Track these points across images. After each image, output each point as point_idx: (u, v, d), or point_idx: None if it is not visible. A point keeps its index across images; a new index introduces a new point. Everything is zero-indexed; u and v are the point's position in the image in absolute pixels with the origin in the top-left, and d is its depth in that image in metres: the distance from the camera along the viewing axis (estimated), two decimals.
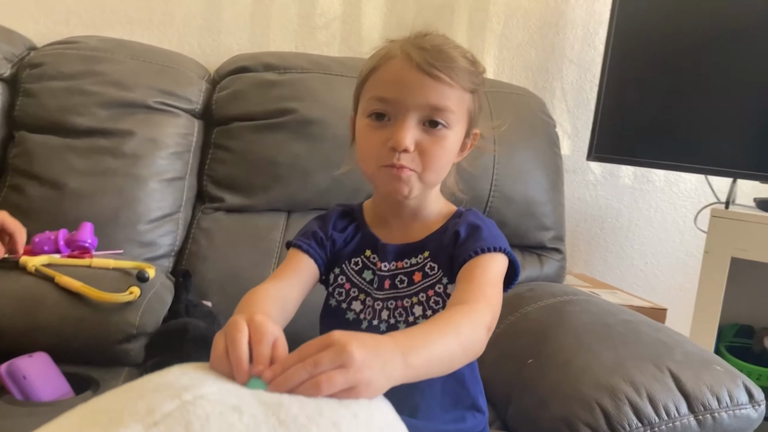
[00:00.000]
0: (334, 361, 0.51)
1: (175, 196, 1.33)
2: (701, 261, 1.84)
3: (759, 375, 1.47)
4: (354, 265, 0.83)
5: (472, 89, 0.77)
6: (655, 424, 0.89)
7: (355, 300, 0.82)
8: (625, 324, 1.07)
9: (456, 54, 0.76)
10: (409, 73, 0.74)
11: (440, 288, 0.79)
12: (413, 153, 0.75)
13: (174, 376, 0.46)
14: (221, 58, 1.58)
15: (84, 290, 0.92)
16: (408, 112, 0.74)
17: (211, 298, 1.26)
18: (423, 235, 0.82)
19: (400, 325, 0.79)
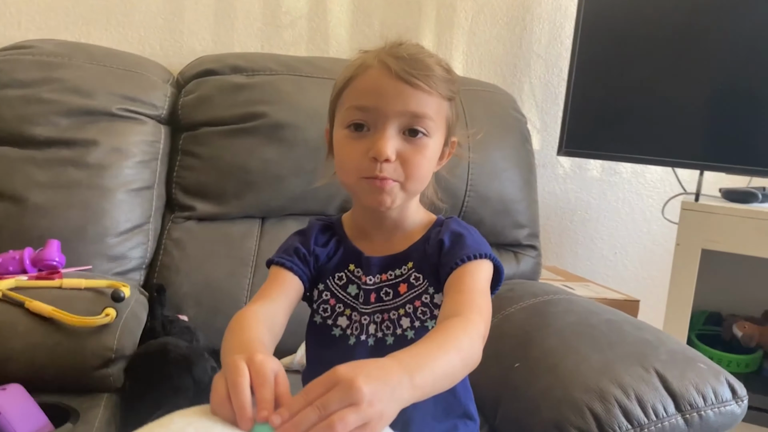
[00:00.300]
0: (344, 400, 0.49)
1: (143, 206, 1.28)
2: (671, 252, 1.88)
3: (729, 362, 1.51)
4: (338, 280, 0.81)
5: (449, 97, 0.77)
6: (644, 426, 0.89)
7: (340, 316, 0.80)
8: (609, 324, 1.07)
9: (432, 62, 0.76)
10: (387, 82, 0.73)
11: (426, 298, 0.78)
12: (395, 163, 0.73)
13: (178, 427, 0.44)
14: (184, 60, 1.53)
15: (57, 315, 0.88)
16: (388, 121, 0.73)
17: (186, 311, 1.22)
18: (405, 245, 0.80)
19: (388, 339, 0.78)
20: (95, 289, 0.98)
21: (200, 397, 0.96)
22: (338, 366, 0.52)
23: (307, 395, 0.51)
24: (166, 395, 0.92)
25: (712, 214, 1.42)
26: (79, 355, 0.88)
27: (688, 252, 1.44)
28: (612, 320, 1.09)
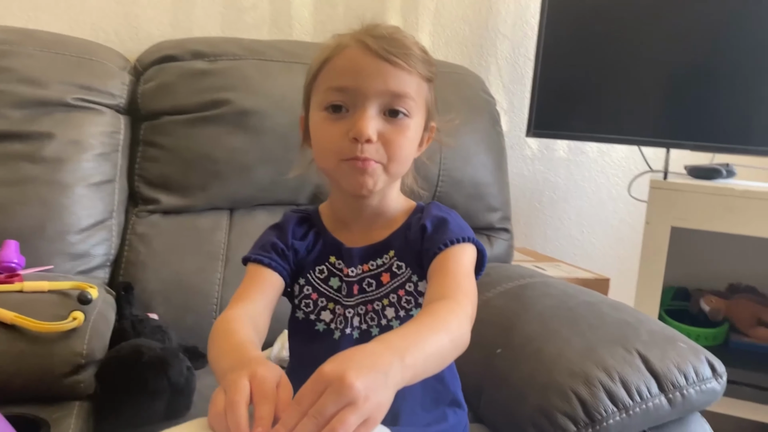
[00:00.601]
0: (339, 402, 0.48)
1: (105, 201, 1.22)
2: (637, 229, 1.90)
3: (697, 336, 1.54)
4: (319, 273, 0.79)
5: (428, 78, 0.75)
6: (629, 407, 0.90)
7: (324, 310, 0.78)
8: (588, 306, 1.08)
9: (410, 42, 0.74)
10: (366, 60, 0.71)
11: (410, 286, 0.77)
12: (376, 144, 0.71)
13: None
14: (141, 46, 1.46)
15: (20, 322, 0.83)
16: (368, 101, 0.71)
17: (155, 309, 1.17)
18: (386, 234, 0.78)
19: (373, 330, 0.76)
20: (60, 292, 0.93)
21: (176, 399, 0.92)
22: (324, 365, 0.50)
23: (300, 405, 0.48)
24: (142, 400, 0.89)
25: (680, 192, 1.44)
26: (46, 363, 0.83)
27: (658, 230, 1.45)
28: (590, 302, 1.10)
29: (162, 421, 0.92)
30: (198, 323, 1.19)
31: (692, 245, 1.57)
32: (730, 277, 1.69)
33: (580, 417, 0.89)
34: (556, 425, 0.89)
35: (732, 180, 1.55)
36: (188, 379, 0.95)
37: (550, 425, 0.90)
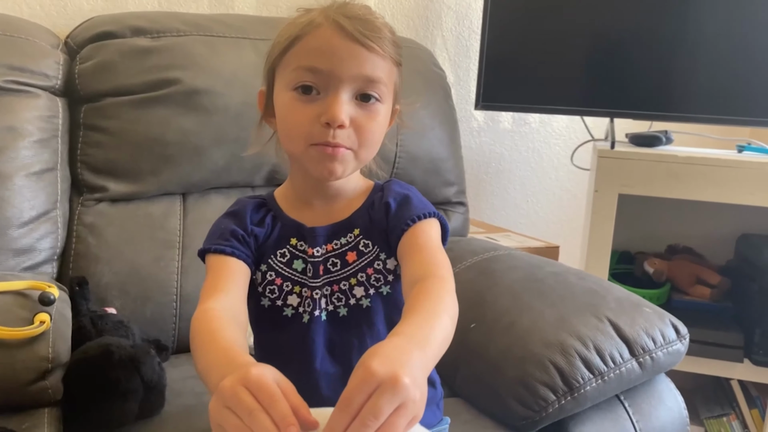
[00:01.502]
0: (394, 402, 0.46)
1: (47, 191, 1.14)
2: (578, 197, 1.97)
3: (643, 297, 1.61)
4: (281, 257, 0.76)
5: (398, 62, 0.74)
6: (604, 373, 0.93)
7: (290, 294, 0.75)
8: (555, 276, 1.10)
9: (381, 25, 0.72)
10: (341, 42, 0.69)
11: (379, 264, 0.76)
12: (348, 129, 0.70)
13: None
14: (70, 21, 1.36)
15: None
16: (341, 84, 0.69)
17: (112, 303, 1.12)
18: (347, 213, 0.77)
19: (341, 310, 0.75)
20: (15, 292, 0.86)
21: (150, 397, 0.89)
22: (368, 364, 0.48)
23: (349, 407, 0.46)
24: (115, 401, 0.85)
25: (626, 160, 1.49)
26: (9, 371, 0.77)
27: (606, 197, 1.50)
28: (556, 272, 1.12)
29: (135, 420, 0.88)
30: (159, 314, 1.15)
31: (633, 211, 1.63)
32: (668, 239, 1.78)
33: (558, 385, 0.92)
34: (536, 395, 0.92)
35: (671, 147, 1.62)
36: (160, 375, 0.91)
37: (530, 395, 0.92)
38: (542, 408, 0.91)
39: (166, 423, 0.90)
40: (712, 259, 1.72)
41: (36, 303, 0.83)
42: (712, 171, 1.46)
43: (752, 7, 1.46)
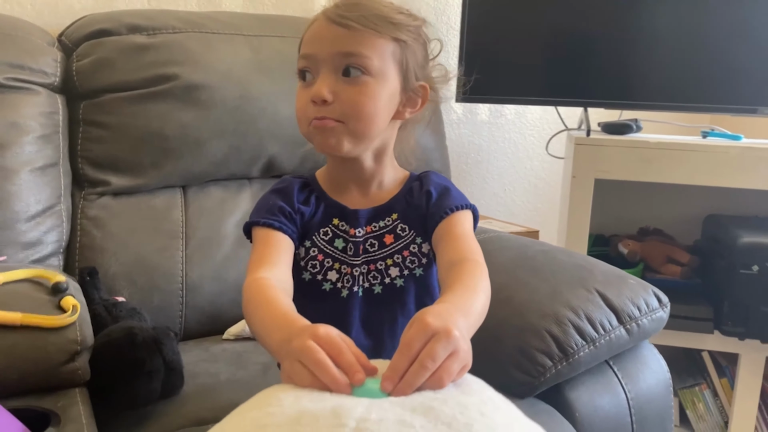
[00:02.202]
0: (447, 349, 0.52)
1: (52, 185, 1.17)
2: (552, 184, 2.05)
3: None
4: (324, 235, 0.82)
5: (396, 37, 0.76)
6: (596, 340, 1.01)
7: (330, 270, 0.81)
8: (544, 254, 1.17)
9: (378, 5, 0.77)
10: (324, 26, 0.76)
11: (414, 248, 0.81)
12: (336, 104, 0.74)
13: (291, 401, 0.43)
14: (62, 20, 1.38)
15: (30, 320, 0.79)
16: (323, 64, 0.75)
17: (120, 292, 1.15)
18: (386, 198, 0.83)
19: (376, 288, 0.81)
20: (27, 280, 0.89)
21: (171, 377, 0.93)
22: (423, 318, 0.54)
23: (409, 351, 0.52)
24: (140, 381, 0.88)
25: (602, 147, 1.57)
26: (41, 354, 0.80)
27: (583, 183, 1.58)
28: (545, 251, 1.20)
29: (159, 399, 0.92)
30: (166, 302, 1.18)
31: (606, 195, 1.72)
32: (640, 222, 1.88)
33: (555, 352, 0.99)
34: (534, 362, 0.98)
35: (641, 134, 1.71)
36: (179, 356, 0.95)
37: (529, 362, 0.99)
38: (540, 374, 0.98)
39: (188, 401, 0.94)
40: (682, 239, 1.82)
41: (48, 290, 0.86)
42: (680, 155, 1.55)
43: (710, 3, 1.56)
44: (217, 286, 1.22)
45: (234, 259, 1.25)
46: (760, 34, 1.53)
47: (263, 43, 1.34)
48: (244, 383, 0.99)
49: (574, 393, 1.01)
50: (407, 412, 0.41)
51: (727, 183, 1.55)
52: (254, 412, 0.43)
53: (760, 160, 1.53)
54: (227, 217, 1.28)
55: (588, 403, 1.01)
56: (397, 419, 0.39)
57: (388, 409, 0.42)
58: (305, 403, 0.43)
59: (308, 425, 0.39)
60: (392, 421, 0.39)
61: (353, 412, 0.40)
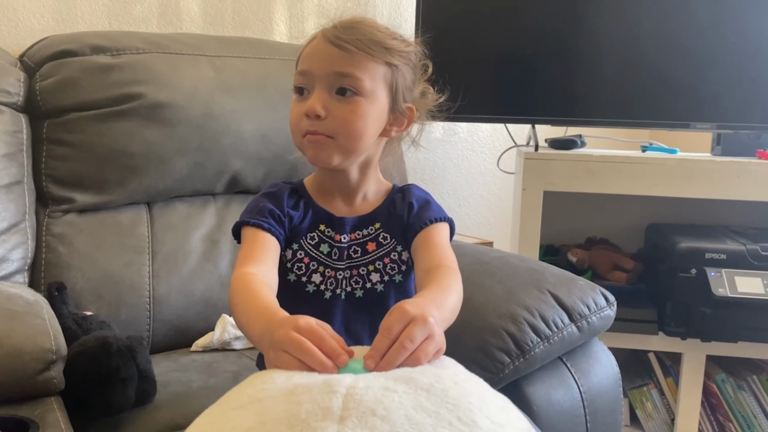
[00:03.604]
0: (424, 334, 0.58)
1: (17, 203, 1.18)
2: (504, 198, 2.14)
3: None
4: (310, 240, 0.86)
5: (387, 61, 0.82)
6: (549, 337, 1.07)
7: (314, 273, 0.86)
8: (500, 260, 1.24)
9: (373, 30, 0.82)
10: (321, 46, 0.81)
11: (395, 255, 0.87)
12: (328, 120, 0.80)
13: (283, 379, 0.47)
14: (22, 41, 1.40)
15: None
16: (318, 81, 0.80)
17: (87, 307, 1.16)
18: (370, 209, 0.89)
19: (357, 292, 0.86)
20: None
21: (143, 385, 0.95)
22: (402, 306, 0.60)
23: (390, 334, 0.57)
24: (115, 388, 0.90)
25: (549, 161, 1.66)
26: (18, 361, 0.82)
27: (532, 195, 1.67)
28: (500, 257, 1.27)
29: (132, 407, 0.94)
30: (133, 316, 1.20)
31: (555, 207, 1.82)
32: (587, 232, 1.98)
33: (512, 349, 1.05)
34: (493, 358, 1.05)
35: (585, 149, 1.82)
36: (151, 364, 0.97)
37: (488, 359, 1.05)
38: (499, 370, 1.04)
39: (161, 408, 0.96)
40: (626, 247, 1.92)
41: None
42: (621, 167, 1.66)
43: (645, 27, 1.68)
44: (183, 300, 1.25)
45: (200, 273, 1.28)
46: (693, 54, 1.66)
47: (225, 63, 1.38)
48: (216, 390, 1.01)
49: (530, 388, 1.07)
50: (390, 381, 0.46)
51: (665, 192, 1.66)
52: (249, 390, 0.47)
53: (694, 171, 1.64)
54: (192, 232, 1.30)
55: (544, 397, 1.07)
56: (381, 386, 0.44)
57: (373, 379, 0.46)
58: (296, 379, 0.47)
59: (302, 394, 0.43)
60: (378, 388, 0.44)
61: (343, 382, 0.44)
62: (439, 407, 0.42)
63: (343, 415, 0.40)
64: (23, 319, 0.87)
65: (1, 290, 0.95)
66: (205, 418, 0.46)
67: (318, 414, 0.41)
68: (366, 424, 0.39)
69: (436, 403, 0.43)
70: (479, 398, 0.46)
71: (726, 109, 1.67)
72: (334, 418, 0.40)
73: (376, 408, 0.41)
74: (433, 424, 0.41)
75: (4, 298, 0.92)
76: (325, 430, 0.39)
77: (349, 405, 0.42)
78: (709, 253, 1.62)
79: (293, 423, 0.40)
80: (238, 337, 1.20)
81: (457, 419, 0.42)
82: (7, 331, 0.83)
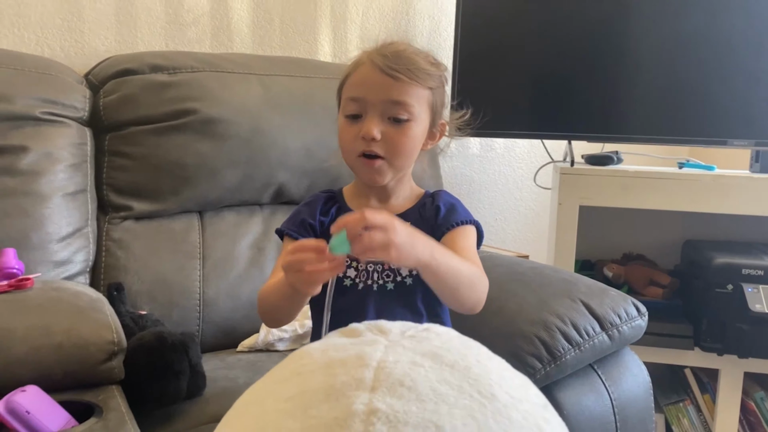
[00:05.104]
0: (379, 220, 0.72)
1: (81, 210, 1.27)
2: (540, 213, 2.17)
3: None
4: None
5: (430, 86, 0.92)
6: (580, 344, 1.11)
7: (349, 268, 0.93)
8: (533, 270, 1.28)
9: (416, 57, 0.91)
10: (373, 76, 0.89)
11: None
12: (381, 142, 0.89)
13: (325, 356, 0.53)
14: (87, 60, 1.51)
15: None
16: (373, 108, 0.89)
17: (142, 308, 1.24)
18: (402, 209, 0.96)
19: (389, 285, 0.92)
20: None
21: (194, 379, 1.02)
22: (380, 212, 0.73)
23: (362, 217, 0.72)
24: (169, 380, 0.97)
25: (585, 176, 1.70)
26: (83, 353, 0.90)
27: (568, 210, 1.70)
28: (534, 267, 1.30)
29: (184, 399, 1.01)
30: (184, 317, 1.28)
31: (592, 224, 1.84)
32: (624, 248, 1.99)
33: (544, 356, 1.08)
34: (525, 364, 1.08)
35: (620, 165, 1.84)
36: (201, 359, 1.04)
37: (520, 365, 1.08)
38: (530, 375, 1.07)
39: (209, 402, 1.03)
40: (663, 263, 1.93)
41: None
42: (657, 183, 1.68)
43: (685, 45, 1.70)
44: (231, 303, 1.32)
45: (247, 278, 1.35)
46: (731, 70, 1.68)
47: (273, 81, 1.47)
48: None
49: (561, 393, 1.11)
50: (418, 356, 0.51)
51: (701, 208, 1.67)
52: (290, 365, 0.53)
53: (731, 188, 1.65)
54: (240, 240, 1.38)
55: (575, 402, 1.10)
56: (410, 361, 0.49)
57: (402, 353, 0.51)
58: (332, 353, 0.52)
59: (338, 368, 0.48)
60: (406, 362, 0.48)
61: (374, 356, 0.49)
62: (462, 381, 0.47)
63: (374, 386, 0.45)
64: (88, 314, 0.95)
65: (68, 288, 1.03)
66: (251, 391, 0.52)
67: (352, 384, 0.46)
68: (394, 393, 0.44)
69: (458, 378, 0.47)
70: (499, 375, 0.50)
71: (764, 126, 1.68)
72: (366, 387, 0.45)
73: (404, 380, 0.46)
74: (455, 395, 0.45)
75: (71, 295, 1.01)
76: (358, 398, 0.44)
77: (380, 377, 0.46)
78: (745, 269, 1.62)
79: (329, 392, 0.46)
80: (281, 339, 1.26)
81: (477, 392, 0.46)
82: (75, 324, 0.91)
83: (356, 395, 0.45)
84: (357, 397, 0.45)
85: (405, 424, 0.44)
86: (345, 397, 0.45)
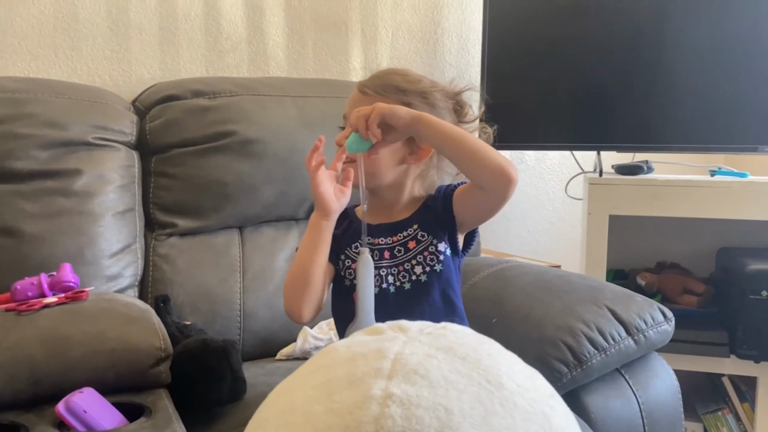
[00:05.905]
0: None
1: (129, 227, 1.36)
2: (572, 225, 2.19)
3: None
4: (354, 249, 1.00)
5: (404, 101, 0.97)
6: (606, 349, 1.13)
7: None
8: (560, 278, 1.31)
9: (393, 76, 1.00)
10: (353, 94, 1.01)
11: (432, 248, 0.99)
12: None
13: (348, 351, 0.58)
14: (134, 88, 1.61)
15: None
16: (348, 121, 0.96)
17: (186, 318, 1.31)
18: (407, 215, 1.02)
19: (405, 285, 0.97)
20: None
21: (235, 384, 1.08)
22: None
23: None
24: (211, 385, 1.04)
25: (614, 186, 1.72)
26: (134, 357, 0.97)
27: (598, 219, 1.72)
28: (561, 275, 1.34)
29: (225, 403, 1.07)
30: (226, 327, 1.35)
31: (624, 233, 1.85)
32: (658, 257, 1.99)
33: (570, 360, 1.12)
34: (552, 369, 1.11)
35: (650, 174, 1.85)
36: (242, 366, 1.11)
37: (547, 370, 1.12)
38: (557, 379, 1.11)
39: (249, 406, 1.09)
40: (698, 272, 1.93)
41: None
42: (687, 191, 1.69)
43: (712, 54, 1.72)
44: (270, 313, 1.39)
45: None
46: (761, 78, 1.68)
47: (308, 103, 1.54)
48: None
49: (588, 397, 1.13)
50: (432, 349, 0.55)
51: (731, 215, 1.67)
52: (317, 360, 0.58)
53: (762, 194, 1.65)
54: (278, 253, 1.45)
55: (602, 406, 1.13)
56: (424, 353, 0.54)
57: (418, 347, 0.56)
58: (355, 348, 0.58)
59: (359, 359, 0.54)
60: (421, 354, 0.53)
61: (392, 349, 0.54)
62: (471, 371, 0.52)
63: (390, 374, 0.50)
64: (138, 322, 1.03)
65: (119, 299, 1.12)
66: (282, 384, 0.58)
67: (371, 373, 0.51)
68: (409, 380, 0.49)
69: (469, 368, 0.52)
70: (508, 367, 0.54)
71: None
72: (384, 376, 0.50)
73: (418, 369, 0.51)
74: (465, 383, 0.50)
75: (122, 306, 1.09)
76: (376, 384, 0.49)
77: (396, 367, 0.52)
78: None
79: (351, 380, 0.51)
80: (317, 347, 1.32)
81: (485, 380, 0.51)
82: (127, 332, 0.99)
83: (374, 382, 0.51)
84: (375, 383, 0.51)
85: (417, 406, 0.49)
86: (364, 384, 0.51)
